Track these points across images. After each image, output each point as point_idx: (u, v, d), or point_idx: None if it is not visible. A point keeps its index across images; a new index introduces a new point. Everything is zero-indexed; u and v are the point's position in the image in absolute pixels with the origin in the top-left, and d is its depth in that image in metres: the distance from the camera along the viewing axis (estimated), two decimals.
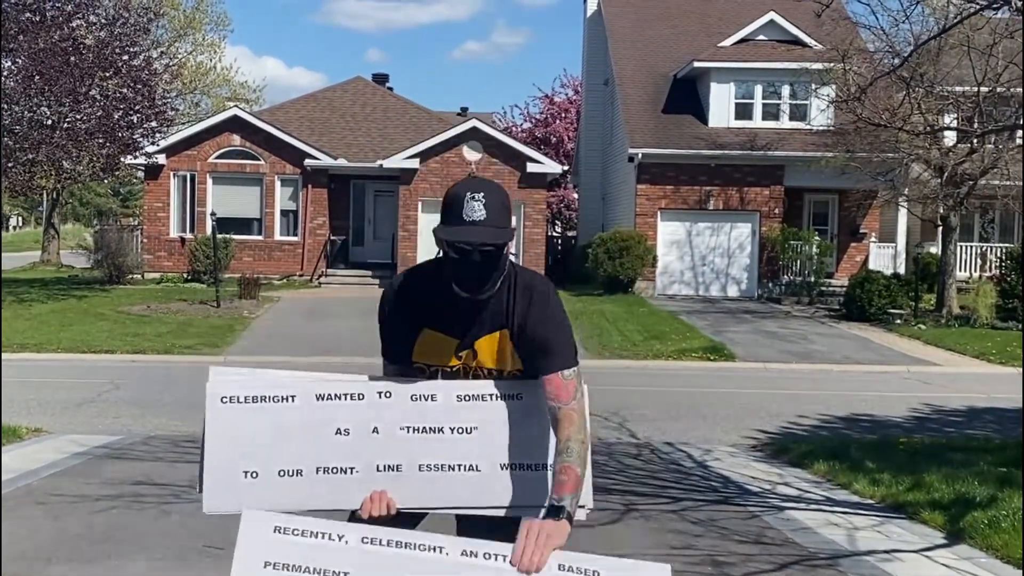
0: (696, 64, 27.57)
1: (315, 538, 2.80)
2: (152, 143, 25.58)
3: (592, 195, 33.68)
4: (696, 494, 7.46)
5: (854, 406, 12.62)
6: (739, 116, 27.45)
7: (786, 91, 27.40)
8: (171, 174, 29.25)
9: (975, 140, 22.09)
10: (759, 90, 27.56)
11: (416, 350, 3.08)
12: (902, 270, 26.78)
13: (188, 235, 29.11)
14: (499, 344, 3.05)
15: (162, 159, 28.50)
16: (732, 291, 27.01)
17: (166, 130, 26.70)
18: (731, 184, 26.81)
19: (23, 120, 22.06)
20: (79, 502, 6.82)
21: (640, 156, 26.48)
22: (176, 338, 17.83)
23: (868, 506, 7.15)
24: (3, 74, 21.81)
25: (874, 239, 28.17)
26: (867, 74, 20.16)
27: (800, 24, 27.02)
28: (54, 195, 41.99)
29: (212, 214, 26.51)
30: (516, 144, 29.77)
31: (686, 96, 28.41)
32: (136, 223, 37.05)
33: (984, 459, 8.48)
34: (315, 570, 2.76)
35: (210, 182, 29.37)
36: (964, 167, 22.58)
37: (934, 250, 26.60)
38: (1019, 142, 23.16)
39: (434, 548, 2.76)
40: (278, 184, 29.53)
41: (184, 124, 33.20)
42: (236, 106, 31.77)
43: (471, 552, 2.76)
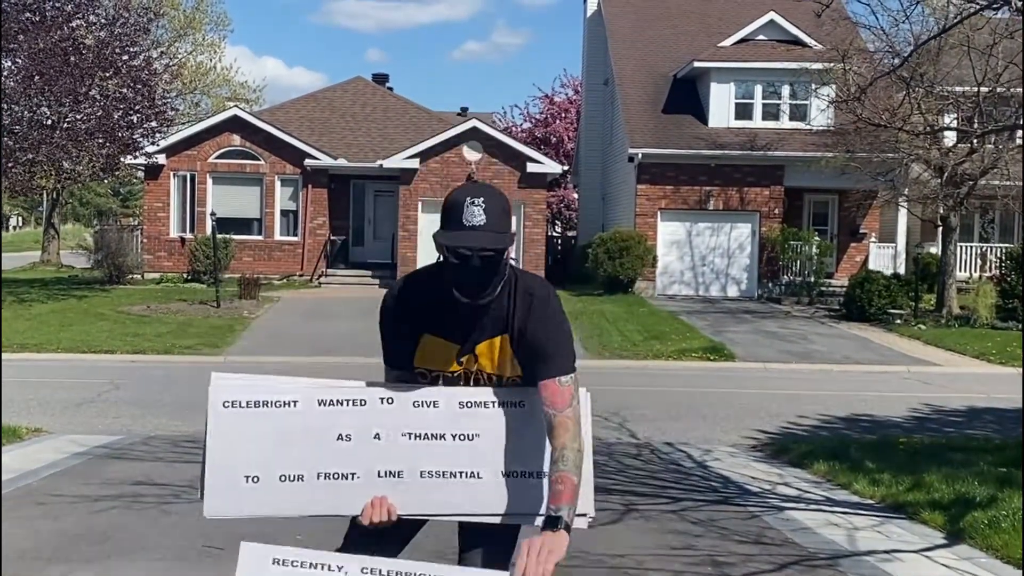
0: (696, 64, 27.57)
1: (314, 569, 2.79)
2: (152, 143, 25.58)
3: (592, 195, 33.68)
4: (696, 494, 7.46)
5: (854, 406, 12.62)
6: (739, 116, 27.46)
7: (786, 91, 27.40)
8: (171, 174, 29.25)
9: (975, 140, 22.09)
10: (759, 90, 27.56)
11: (417, 355, 3.07)
12: (902, 270, 26.78)
13: (188, 235, 29.11)
14: (499, 349, 3.04)
15: (162, 159, 28.50)
16: (732, 291, 27.01)
17: (166, 130, 26.71)
18: (731, 184, 26.81)
19: (23, 120, 22.06)
20: (79, 502, 6.82)
21: (640, 156, 26.48)
22: (176, 338, 17.83)
23: (868, 506, 7.15)
24: (3, 74, 21.81)
25: (874, 239, 28.17)
26: (867, 74, 20.16)
27: (800, 24, 27.02)
28: (54, 195, 41.99)
29: (212, 214, 26.51)
30: (516, 144, 29.77)
31: (686, 96, 28.41)
32: (136, 223, 37.04)
33: (984, 459, 8.47)
34: None
35: (210, 182, 29.37)
36: (964, 167, 22.58)
37: (934, 250, 26.60)
38: (1019, 142, 23.16)
39: None
40: (278, 184, 29.53)
41: (184, 124, 33.21)
42: (236, 106, 31.78)
43: None
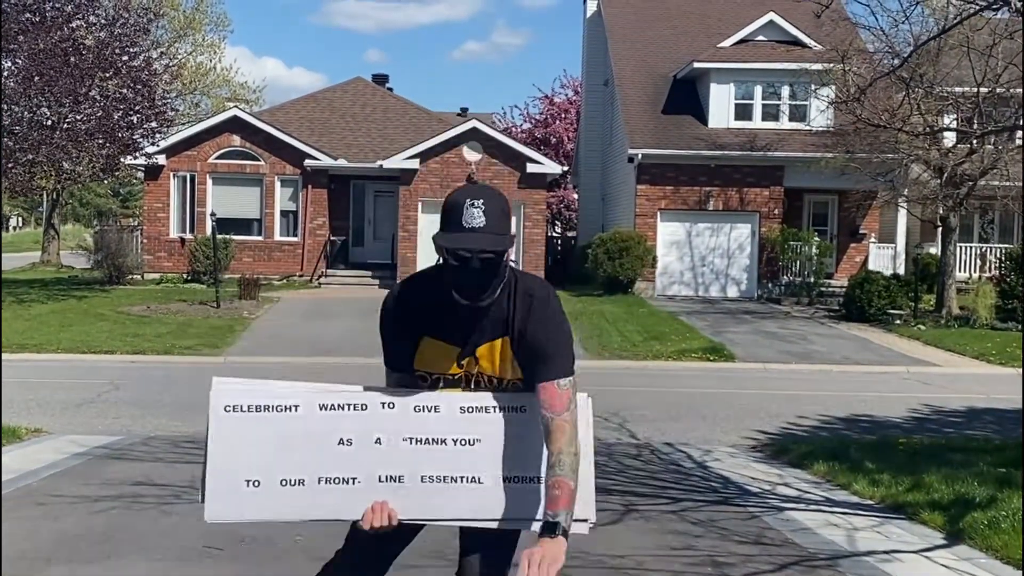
0: (696, 65, 27.58)
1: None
2: (152, 143, 25.58)
3: (592, 195, 33.69)
4: (696, 495, 7.46)
5: (854, 407, 12.62)
6: (739, 117, 27.46)
7: (786, 92, 27.41)
8: (171, 174, 29.25)
9: (975, 141, 22.10)
10: (759, 91, 27.57)
11: (417, 358, 3.07)
12: (902, 271, 26.78)
13: (188, 236, 29.11)
14: (500, 352, 3.03)
15: (162, 159, 28.50)
16: (732, 292, 27.02)
17: (166, 130, 26.71)
18: (731, 185, 26.81)
19: (23, 120, 22.06)
20: (79, 503, 6.82)
21: (640, 156, 26.48)
22: (176, 339, 17.83)
23: (868, 507, 7.15)
24: (3, 74, 21.81)
25: (874, 240, 28.17)
26: (867, 75, 20.17)
27: (800, 25, 27.02)
28: (54, 195, 42.00)
29: (212, 214, 26.51)
30: (516, 144, 29.77)
31: (686, 97, 28.42)
32: (136, 223, 37.03)
33: (983, 460, 8.47)
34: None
35: (210, 182, 29.36)
36: (964, 168, 22.58)
37: (934, 251, 26.60)
38: (1019, 143, 23.16)
39: None
40: (278, 184, 29.53)
41: (184, 124, 33.20)
42: (236, 106, 31.78)
43: None
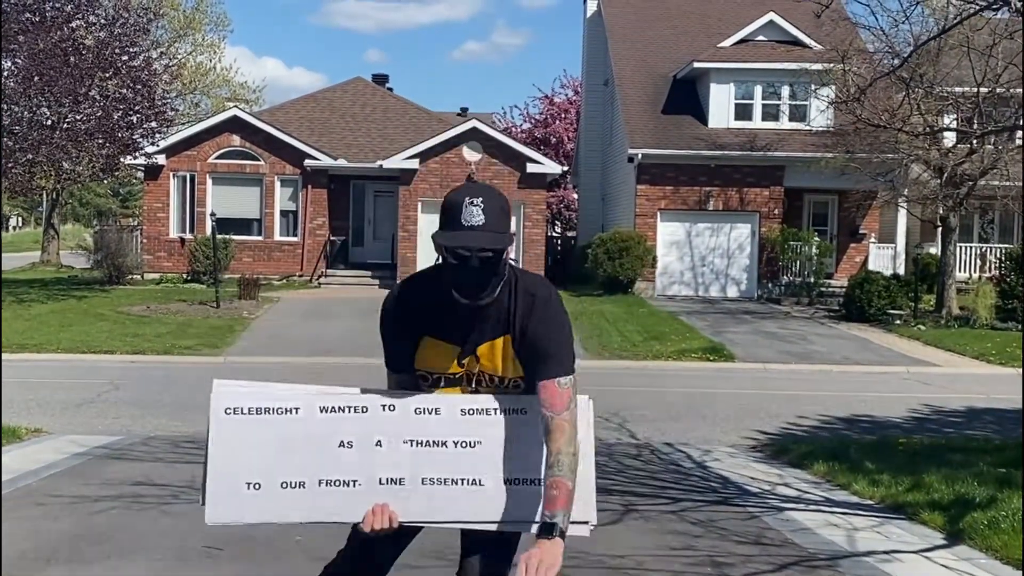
0: (696, 65, 27.58)
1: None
2: (152, 143, 25.58)
3: (592, 195, 33.69)
4: (696, 495, 7.46)
5: (853, 407, 12.62)
6: (739, 117, 27.46)
7: (786, 92, 27.41)
8: (171, 174, 29.25)
9: (975, 141, 22.09)
10: (759, 91, 27.57)
11: (418, 358, 3.07)
12: (902, 271, 26.78)
13: (188, 235, 29.11)
14: (501, 350, 3.03)
15: (162, 159, 28.50)
16: (732, 292, 27.01)
17: (166, 130, 26.71)
18: (731, 185, 26.81)
19: (23, 120, 22.06)
20: (79, 503, 6.82)
21: (640, 156, 26.48)
22: (176, 339, 17.83)
23: (867, 507, 7.15)
24: (3, 74, 21.81)
25: (874, 240, 28.17)
26: (867, 75, 20.17)
27: (800, 25, 27.01)
28: (54, 195, 42.00)
29: (212, 214, 26.51)
30: (516, 144, 29.77)
31: (686, 97, 28.41)
32: (136, 223, 37.02)
33: (983, 460, 8.47)
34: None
35: (210, 182, 29.36)
36: (964, 168, 22.58)
37: (934, 251, 26.60)
38: (1019, 143, 23.16)
39: None
40: (278, 184, 29.53)
41: (184, 124, 33.20)
42: (236, 106, 31.78)
43: None
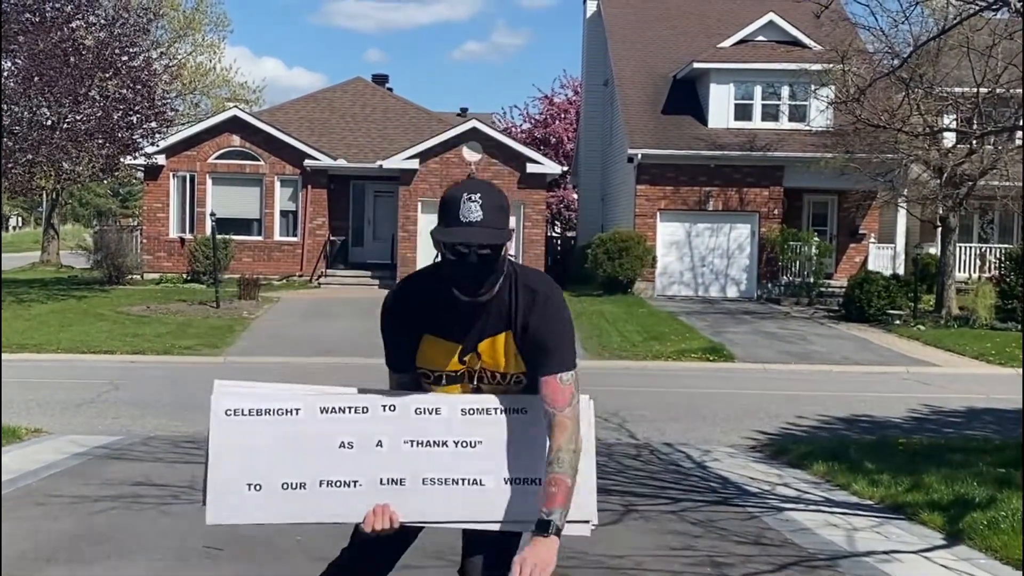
0: (696, 65, 27.58)
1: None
2: (152, 144, 25.59)
3: (592, 196, 33.69)
4: (695, 495, 7.46)
5: (853, 407, 12.62)
6: (738, 117, 27.46)
7: (785, 92, 27.41)
8: (171, 175, 29.25)
9: (974, 141, 22.09)
10: (758, 91, 27.57)
11: (419, 356, 3.07)
12: (901, 271, 26.78)
13: (188, 236, 29.11)
14: (503, 346, 3.02)
15: (162, 160, 28.50)
16: (731, 292, 27.02)
17: (166, 131, 26.71)
18: (730, 185, 26.81)
19: (23, 121, 22.06)
20: (78, 503, 6.82)
21: (640, 157, 26.48)
22: (175, 339, 17.83)
23: (867, 507, 7.15)
24: (3, 74, 21.81)
25: (873, 240, 28.18)
26: (866, 75, 20.18)
27: (799, 25, 27.02)
28: (54, 195, 41.99)
29: (212, 215, 26.51)
30: (515, 145, 29.78)
31: (685, 97, 28.42)
32: (136, 224, 37.02)
33: (983, 460, 8.47)
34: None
35: (209, 183, 29.37)
36: (963, 168, 22.59)
37: (933, 251, 26.60)
38: (1018, 143, 23.16)
39: None
40: (278, 184, 29.53)
41: (184, 125, 33.20)
42: (236, 107, 31.78)
43: None
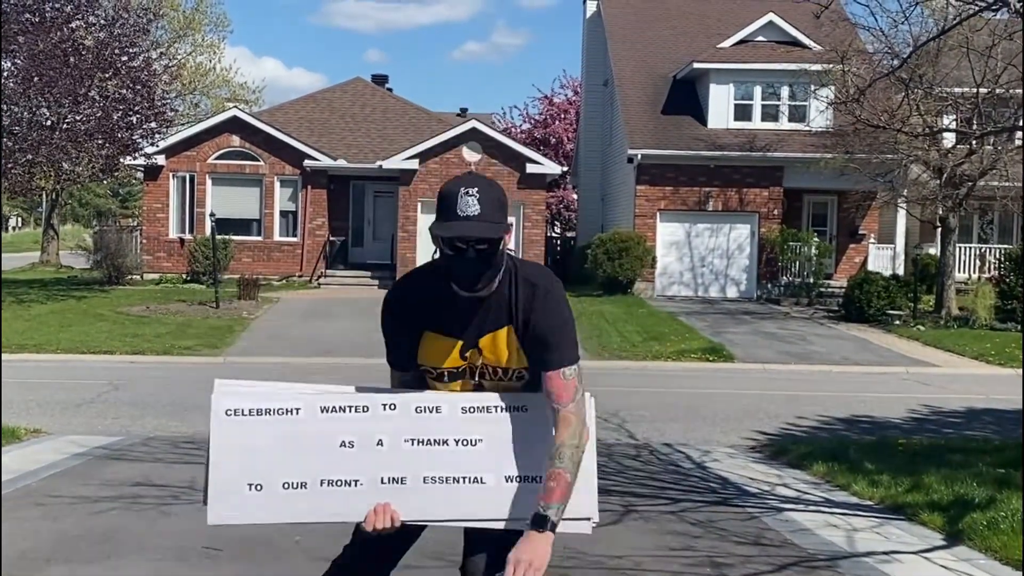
0: (695, 65, 27.59)
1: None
2: (151, 144, 25.59)
3: (591, 196, 33.69)
4: (695, 495, 7.46)
5: (853, 407, 12.62)
6: (738, 117, 27.47)
7: (785, 92, 27.42)
8: (170, 175, 29.25)
9: (974, 141, 22.10)
10: (758, 91, 27.57)
11: (420, 353, 3.06)
12: (901, 271, 26.79)
13: (187, 236, 29.11)
14: (505, 341, 3.01)
15: (161, 160, 28.51)
16: (731, 292, 27.02)
17: (165, 131, 26.71)
18: (730, 185, 26.81)
19: (23, 121, 22.06)
20: (78, 503, 6.82)
21: (639, 157, 26.49)
22: (175, 339, 17.83)
23: (867, 507, 7.15)
24: (3, 75, 21.81)
25: (873, 240, 28.18)
26: (866, 75, 20.19)
27: (799, 25, 27.02)
28: (53, 196, 41.99)
29: (211, 215, 26.52)
30: (515, 145, 29.79)
31: (685, 97, 28.42)
32: (135, 224, 37.04)
33: (983, 460, 8.47)
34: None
35: (209, 183, 29.37)
36: (963, 168, 22.59)
37: (933, 251, 26.61)
38: (1018, 143, 23.17)
39: None
40: (277, 185, 29.53)
41: (183, 125, 33.21)
42: (235, 107, 31.79)
43: None
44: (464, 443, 3.00)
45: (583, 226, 34.47)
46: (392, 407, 3.02)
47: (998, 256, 26.19)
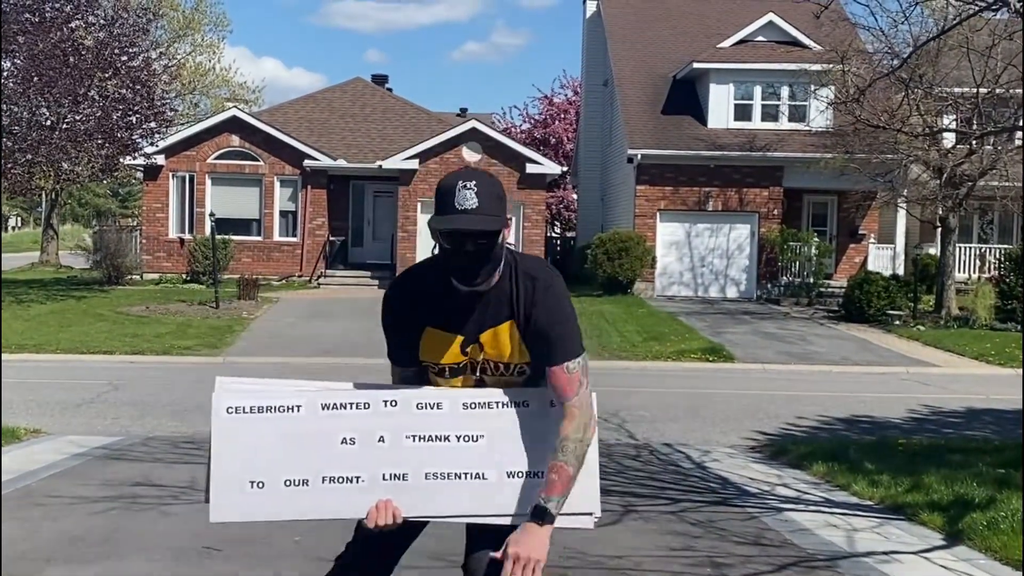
0: (695, 65, 27.58)
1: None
2: (151, 144, 25.62)
3: (591, 196, 33.69)
4: (695, 495, 7.46)
5: (853, 407, 12.62)
6: (738, 117, 27.47)
7: (785, 92, 27.42)
8: (170, 175, 29.25)
9: (974, 141, 22.10)
10: (758, 91, 27.57)
11: (421, 349, 3.06)
12: (901, 271, 26.79)
13: (187, 236, 29.11)
14: (506, 336, 3.01)
15: (161, 160, 28.50)
16: (731, 292, 27.02)
17: (165, 131, 26.72)
18: (730, 185, 26.81)
19: (22, 121, 22.05)
20: (78, 503, 6.82)
21: (639, 157, 26.49)
22: (175, 339, 17.82)
23: (867, 507, 7.15)
24: (3, 74, 21.81)
25: (873, 240, 28.18)
26: (866, 75, 20.19)
27: (799, 25, 27.02)
28: (53, 196, 41.97)
29: (211, 215, 26.51)
30: (515, 145, 29.79)
31: (685, 97, 28.42)
32: (135, 224, 37.03)
33: (983, 460, 8.47)
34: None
35: (209, 183, 29.36)
36: (963, 168, 22.59)
37: (933, 251, 26.61)
38: (1018, 143, 23.17)
39: None
40: (277, 185, 29.53)
41: (183, 125, 33.18)
42: (235, 107, 31.78)
43: None
44: (465, 439, 3.00)
45: (583, 226, 34.47)
46: (393, 403, 3.02)
47: (998, 256, 26.19)
